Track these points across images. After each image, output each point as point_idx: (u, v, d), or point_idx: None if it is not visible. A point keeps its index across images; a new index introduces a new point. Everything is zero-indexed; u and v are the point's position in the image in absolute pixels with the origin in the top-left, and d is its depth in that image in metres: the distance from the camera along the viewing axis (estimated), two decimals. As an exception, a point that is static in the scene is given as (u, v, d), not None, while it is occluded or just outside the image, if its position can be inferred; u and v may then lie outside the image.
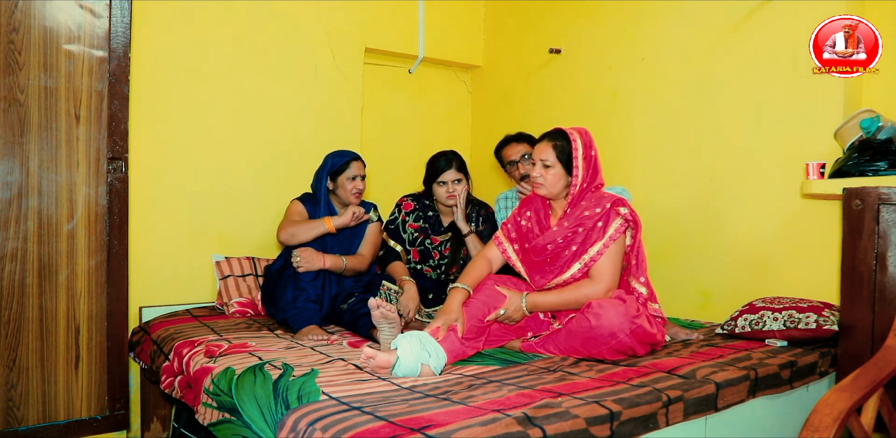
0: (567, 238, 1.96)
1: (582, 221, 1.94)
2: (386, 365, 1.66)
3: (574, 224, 1.95)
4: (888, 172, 1.97)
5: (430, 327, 1.82)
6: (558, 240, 1.97)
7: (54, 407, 2.37)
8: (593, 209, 1.94)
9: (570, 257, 1.96)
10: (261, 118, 2.97)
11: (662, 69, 2.79)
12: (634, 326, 1.75)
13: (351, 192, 2.49)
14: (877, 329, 1.75)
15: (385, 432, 1.18)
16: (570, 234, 1.95)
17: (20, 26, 2.29)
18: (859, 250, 1.77)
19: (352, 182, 2.49)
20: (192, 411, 1.88)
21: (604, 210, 1.93)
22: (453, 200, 2.56)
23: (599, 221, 1.93)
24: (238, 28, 2.89)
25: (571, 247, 1.95)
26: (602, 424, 1.31)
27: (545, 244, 1.99)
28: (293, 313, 2.30)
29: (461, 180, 2.57)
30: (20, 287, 2.30)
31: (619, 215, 1.93)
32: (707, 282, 2.63)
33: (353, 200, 2.50)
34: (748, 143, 2.49)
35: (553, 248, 1.97)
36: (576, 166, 1.95)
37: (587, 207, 1.96)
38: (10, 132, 2.29)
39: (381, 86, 3.51)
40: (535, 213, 2.09)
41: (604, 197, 1.97)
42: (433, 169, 2.58)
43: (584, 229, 1.94)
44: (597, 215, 1.93)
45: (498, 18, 3.65)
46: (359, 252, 2.56)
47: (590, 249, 1.92)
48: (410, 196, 2.70)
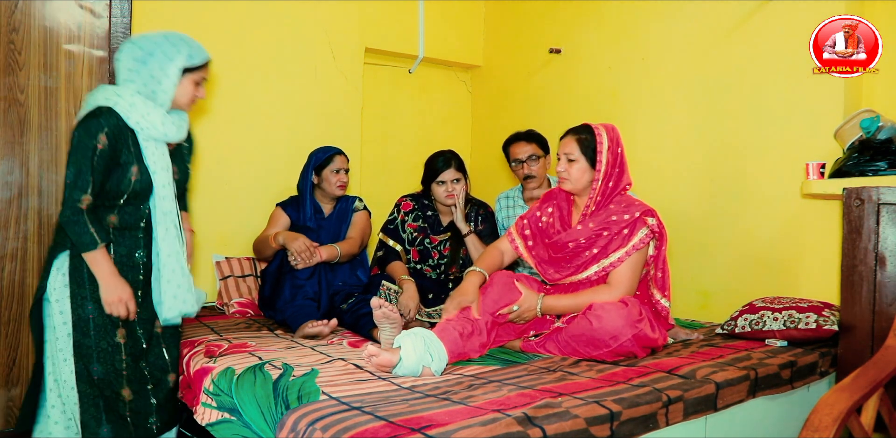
0: (590, 240, 1.95)
1: (608, 225, 1.93)
2: (388, 364, 1.65)
3: (600, 227, 1.94)
4: (888, 172, 1.97)
5: (445, 308, 1.86)
6: (581, 240, 1.96)
7: (54, 407, 2.36)
8: (621, 215, 1.93)
9: (589, 259, 1.96)
10: (261, 118, 2.97)
11: (662, 69, 2.79)
12: (636, 330, 1.75)
13: (335, 185, 2.59)
14: (877, 329, 1.75)
15: (385, 432, 1.18)
16: (594, 236, 1.95)
17: (20, 26, 2.29)
18: (859, 250, 1.77)
19: (336, 175, 2.59)
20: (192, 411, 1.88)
21: (632, 218, 1.92)
22: (452, 199, 2.56)
23: (626, 228, 1.92)
24: (238, 28, 2.88)
25: (593, 249, 1.95)
26: (602, 424, 1.31)
27: (567, 242, 1.98)
28: (292, 311, 2.31)
29: (460, 180, 2.57)
30: (20, 287, 2.30)
31: (646, 224, 1.92)
32: (707, 282, 2.63)
33: (338, 191, 2.61)
34: (748, 143, 2.49)
35: (574, 246, 1.98)
36: (599, 161, 1.94)
37: (616, 211, 1.95)
38: (10, 132, 2.29)
39: (381, 86, 3.51)
40: (558, 209, 2.08)
41: (633, 204, 1.96)
42: (432, 169, 2.58)
43: (609, 234, 1.93)
44: (624, 222, 1.92)
45: (498, 18, 3.65)
46: (347, 236, 2.64)
47: (612, 254, 1.92)
48: (409, 196, 2.71)
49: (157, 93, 1.77)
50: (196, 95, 1.86)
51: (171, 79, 1.76)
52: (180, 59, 1.77)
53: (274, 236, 2.47)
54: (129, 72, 1.75)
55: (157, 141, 1.80)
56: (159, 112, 1.77)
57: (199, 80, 1.86)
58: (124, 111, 1.72)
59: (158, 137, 1.79)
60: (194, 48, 1.82)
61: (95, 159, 1.69)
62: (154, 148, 1.80)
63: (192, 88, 1.83)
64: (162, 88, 1.76)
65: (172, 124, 1.81)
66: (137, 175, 1.76)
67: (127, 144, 1.75)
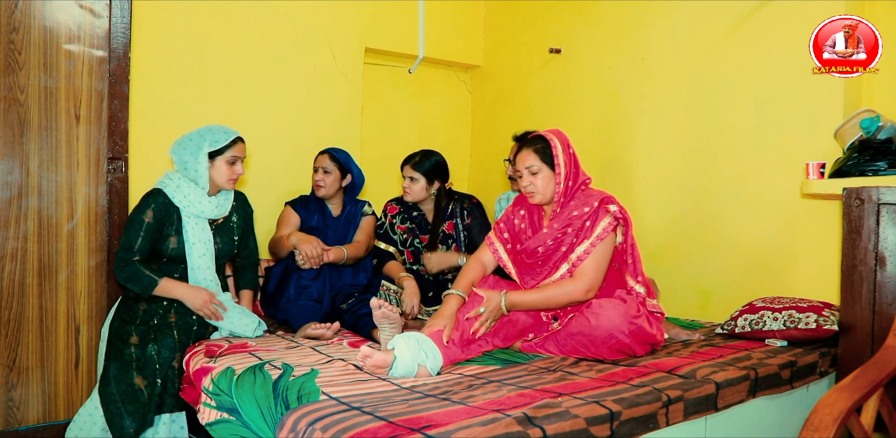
0: (557, 240, 1.95)
1: (571, 221, 1.93)
2: (383, 365, 1.66)
3: (563, 225, 1.94)
4: (888, 172, 1.97)
5: (425, 330, 1.82)
6: (548, 242, 1.96)
7: (54, 407, 2.37)
8: (581, 208, 1.93)
9: (559, 258, 1.95)
10: (261, 118, 2.97)
11: (662, 69, 2.79)
12: (634, 327, 1.75)
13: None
14: (877, 329, 1.75)
15: (385, 432, 1.18)
16: (560, 235, 1.94)
17: (20, 26, 2.29)
18: (859, 250, 1.77)
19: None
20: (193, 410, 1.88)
21: (592, 209, 1.91)
22: (409, 197, 2.63)
23: (588, 220, 1.91)
24: (238, 28, 2.88)
25: (561, 248, 1.94)
26: (602, 424, 1.31)
27: (536, 247, 1.98)
28: (295, 310, 2.31)
29: (415, 180, 2.60)
30: (20, 287, 2.30)
31: (609, 212, 1.90)
32: (707, 282, 2.63)
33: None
34: (748, 143, 2.49)
35: (544, 250, 1.97)
36: (557, 164, 1.94)
37: (576, 206, 1.95)
38: (10, 132, 2.29)
39: (381, 86, 3.51)
40: (529, 213, 2.08)
41: (592, 195, 1.95)
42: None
43: (574, 229, 1.92)
44: (585, 215, 1.91)
45: (498, 18, 3.65)
46: (355, 240, 2.64)
47: (577, 248, 1.90)
48: (394, 200, 2.75)
49: (197, 178, 2.16)
50: (235, 173, 2.21)
51: (202, 164, 2.14)
52: (205, 146, 2.15)
53: (287, 237, 2.45)
54: (176, 163, 2.18)
55: (198, 217, 2.19)
56: (199, 193, 2.16)
57: (231, 160, 2.20)
58: (171, 192, 2.15)
59: (198, 214, 2.18)
60: (216, 134, 2.18)
61: (143, 230, 2.11)
62: (195, 223, 2.18)
63: (226, 168, 2.19)
64: (198, 174, 2.15)
65: (209, 203, 2.19)
66: (175, 244, 2.16)
67: (171, 219, 2.16)
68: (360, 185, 2.72)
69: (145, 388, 1.91)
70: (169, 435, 1.96)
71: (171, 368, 1.97)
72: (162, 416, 1.95)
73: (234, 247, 2.34)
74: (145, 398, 1.91)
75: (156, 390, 1.93)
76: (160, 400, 1.94)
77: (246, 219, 2.41)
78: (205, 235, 2.20)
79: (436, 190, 2.64)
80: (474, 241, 2.64)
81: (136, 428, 1.87)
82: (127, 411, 1.88)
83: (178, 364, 1.98)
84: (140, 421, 1.88)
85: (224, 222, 2.30)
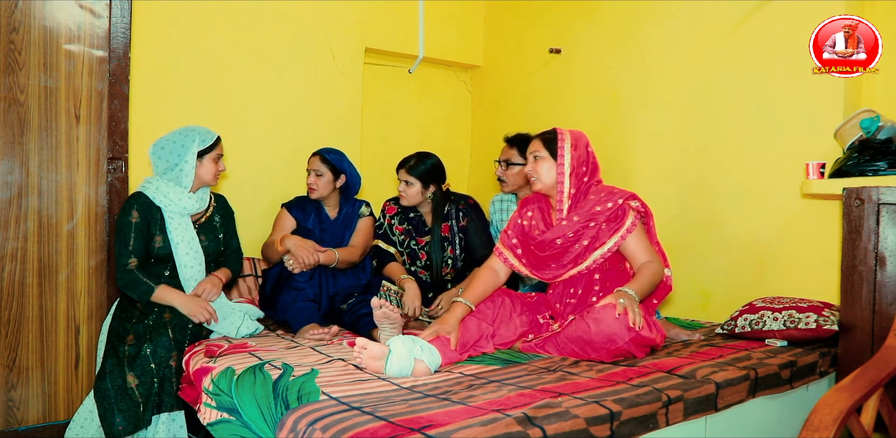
0: (578, 232, 1.98)
1: (594, 215, 1.97)
2: (379, 356, 1.66)
3: (586, 218, 1.97)
4: (888, 172, 1.97)
5: (423, 334, 1.83)
6: (568, 234, 1.98)
7: (54, 407, 2.37)
8: (605, 204, 1.97)
9: (581, 251, 1.98)
10: (260, 118, 2.97)
11: (662, 69, 2.79)
12: (634, 334, 1.75)
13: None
14: (877, 329, 1.75)
15: (385, 432, 1.18)
16: (582, 228, 1.97)
17: (20, 26, 2.29)
18: (859, 250, 1.77)
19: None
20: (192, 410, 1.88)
21: (616, 206, 1.96)
22: (405, 200, 2.61)
23: (613, 215, 1.96)
24: (238, 28, 2.88)
25: (582, 241, 1.97)
26: (602, 424, 1.31)
27: (554, 239, 2.00)
28: (292, 313, 2.31)
29: (410, 184, 2.58)
30: (20, 287, 2.30)
31: (632, 208, 1.98)
32: (707, 282, 2.63)
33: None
34: (748, 142, 2.49)
35: (563, 242, 1.99)
36: (561, 155, 1.99)
37: (598, 201, 1.98)
38: (10, 132, 2.29)
39: (381, 86, 3.51)
40: (539, 210, 2.11)
41: (614, 192, 2.00)
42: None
43: (597, 224, 1.96)
44: (609, 210, 1.96)
45: (498, 18, 3.65)
46: (350, 244, 2.61)
47: (608, 240, 1.95)
48: (393, 199, 2.73)
49: (181, 177, 2.19)
50: (218, 170, 2.28)
51: (188, 163, 2.18)
52: (194, 146, 2.19)
53: (281, 241, 2.43)
54: (156, 163, 2.22)
55: (180, 215, 2.23)
56: (178, 191, 2.20)
57: (216, 157, 2.27)
58: (151, 193, 2.20)
59: (180, 211, 2.22)
60: (202, 134, 2.23)
61: (133, 231, 2.15)
62: (178, 223, 2.23)
63: (212, 165, 2.25)
64: (184, 173, 2.19)
65: (190, 199, 2.23)
66: (161, 243, 2.20)
67: (155, 218, 2.20)
68: (355, 185, 2.69)
69: (137, 387, 1.91)
70: (168, 435, 1.96)
71: (167, 367, 1.96)
72: (161, 415, 1.95)
73: (220, 244, 2.37)
74: (138, 397, 1.90)
75: (152, 389, 1.93)
76: (158, 400, 1.94)
77: (228, 219, 2.44)
78: (188, 233, 2.24)
79: (432, 194, 2.62)
80: (471, 242, 2.64)
81: (125, 427, 1.87)
82: (119, 408, 1.88)
83: (177, 363, 1.98)
84: (133, 420, 1.88)
85: (207, 222, 2.35)
